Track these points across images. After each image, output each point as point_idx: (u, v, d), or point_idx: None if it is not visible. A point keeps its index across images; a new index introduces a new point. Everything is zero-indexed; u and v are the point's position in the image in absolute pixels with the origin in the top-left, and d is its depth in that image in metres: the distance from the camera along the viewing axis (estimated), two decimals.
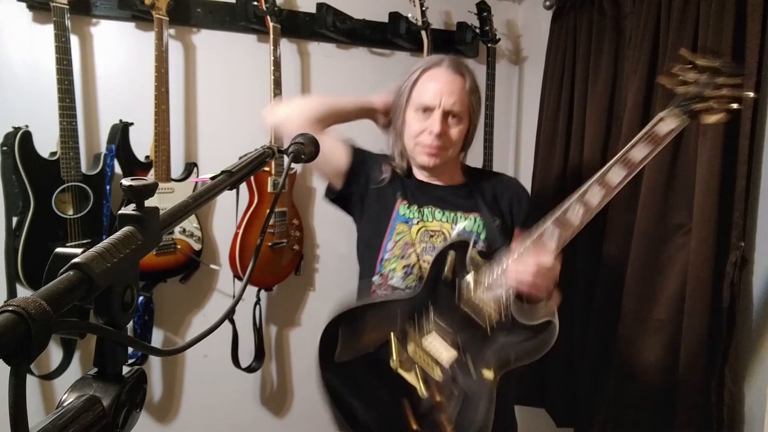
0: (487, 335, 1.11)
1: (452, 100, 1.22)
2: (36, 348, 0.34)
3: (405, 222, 1.26)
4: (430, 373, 1.12)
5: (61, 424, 0.41)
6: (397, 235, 1.25)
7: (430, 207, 1.27)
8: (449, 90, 1.22)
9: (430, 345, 1.13)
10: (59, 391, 1.71)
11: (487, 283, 1.13)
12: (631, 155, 1.07)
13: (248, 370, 1.89)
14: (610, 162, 1.08)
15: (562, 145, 1.90)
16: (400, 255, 1.24)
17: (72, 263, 0.40)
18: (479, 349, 1.11)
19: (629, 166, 1.07)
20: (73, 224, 1.52)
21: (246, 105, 1.89)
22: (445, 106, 1.21)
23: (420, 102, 1.24)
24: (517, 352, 1.11)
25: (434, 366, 1.12)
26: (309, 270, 2.07)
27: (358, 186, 1.32)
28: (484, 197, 1.29)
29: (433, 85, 1.24)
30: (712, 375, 1.37)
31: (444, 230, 1.25)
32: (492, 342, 1.11)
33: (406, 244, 1.24)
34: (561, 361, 1.85)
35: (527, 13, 2.29)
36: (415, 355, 1.13)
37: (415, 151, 1.26)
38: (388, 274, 1.24)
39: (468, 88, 1.25)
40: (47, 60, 1.50)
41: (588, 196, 1.08)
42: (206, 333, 0.55)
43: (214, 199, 0.75)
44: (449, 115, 1.23)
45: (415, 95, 1.26)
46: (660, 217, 1.51)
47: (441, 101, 1.21)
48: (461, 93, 1.24)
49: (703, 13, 1.40)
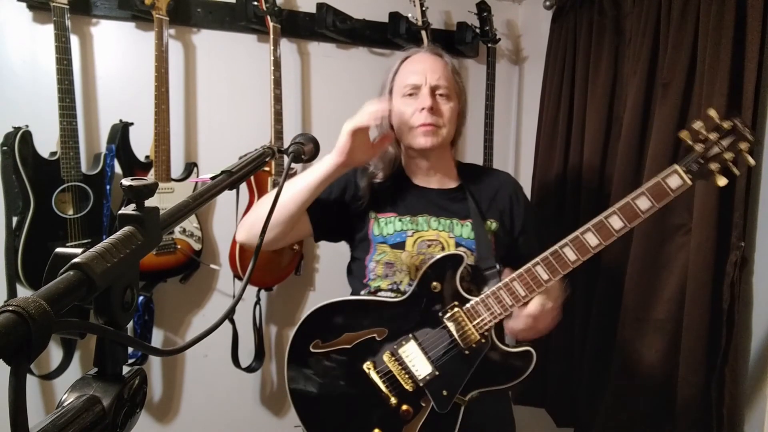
0: (464, 354, 1.11)
1: (437, 76, 1.22)
2: (36, 348, 0.34)
3: (382, 242, 1.23)
4: (402, 382, 1.12)
5: (61, 424, 0.41)
6: (378, 255, 1.23)
7: (425, 216, 1.24)
8: (432, 68, 1.23)
9: (406, 355, 1.13)
10: (59, 391, 1.71)
11: (474, 303, 1.12)
12: (634, 203, 1.09)
13: (248, 370, 1.89)
14: (611, 209, 1.10)
15: (562, 145, 1.90)
16: (383, 275, 1.22)
17: (72, 263, 0.40)
18: (454, 366, 1.11)
19: (630, 217, 1.09)
20: (73, 224, 1.52)
21: (246, 105, 1.89)
22: (431, 82, 1.21)
23: (405, 83, 1.23)
24: (491, 376, 1.13)
25: (407, 376, 1.12)
26: (309, 270, 2.06)
27: (334, 228, 1.30)
28: (479, 201, 1.27)
29: (414, 66, 1.24)
30: (712, 375, 1.37)
31: (441, 239, 1.22)
32: (468, 361, 1.11)
33: (387, 264, 1.22)
34: (561, 361, 1.85)
35: (527, 13, 2.29)
36: (390, 362, 1.13)
37: (410, 135, 1.22)
38: (376, 290, 1.23)
39: (450, 68, 1.26)
40: (47, 60, 1.50)
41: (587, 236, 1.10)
42: (206, 333, 0.55)
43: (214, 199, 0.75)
44: (437, 91, 1.22)
45: (398, 82, 1.25)
46: (660, 217, 1.51)
47: (426, 78, 1.21)
48: (444, 71, 1.24)
49: (703, 13, 1.40)
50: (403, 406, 1.12)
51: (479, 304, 1.12)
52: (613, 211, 1.08)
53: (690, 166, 1.07)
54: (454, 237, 1.23)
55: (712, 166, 1.06)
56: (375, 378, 1.13)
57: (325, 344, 1.16)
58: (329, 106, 2.02)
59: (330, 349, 1.15)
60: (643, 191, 1.08)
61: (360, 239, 1.26)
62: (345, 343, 1.15)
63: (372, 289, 1.23)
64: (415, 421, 1.11)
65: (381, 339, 1.14)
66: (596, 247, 1.09)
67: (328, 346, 1.16)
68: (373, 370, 1.13)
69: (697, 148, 1.07)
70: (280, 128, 1.75)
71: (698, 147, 1.07)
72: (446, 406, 1.10)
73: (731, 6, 1.33)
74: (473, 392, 1.11)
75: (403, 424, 1.12)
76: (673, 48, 1.48)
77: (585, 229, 1.09)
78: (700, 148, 1.07)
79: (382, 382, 1.12)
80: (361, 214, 1.26)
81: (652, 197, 1.07)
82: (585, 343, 1.76)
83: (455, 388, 1.10)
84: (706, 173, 1.07)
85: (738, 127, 1.06)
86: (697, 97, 1.43)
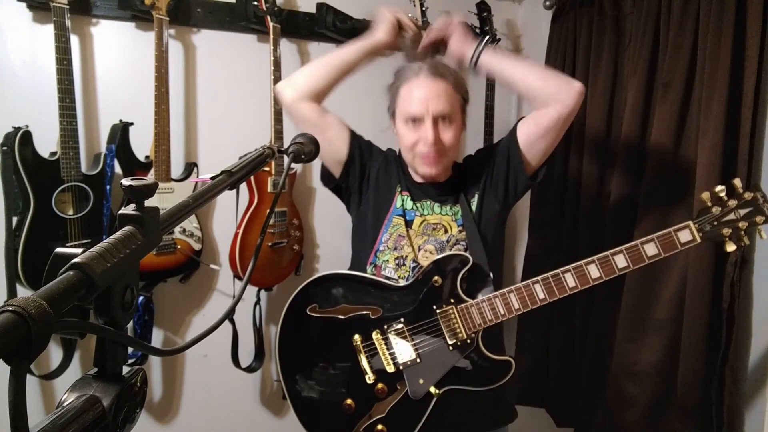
0: (448, 349, 1.16)
1: (440, 105, 1.20)
2: (36, 348, 0.34)
3: (400, 215, 1.27)
4: (384, 364, 1.17)
5: (61, 424, 0.41)
6: (392, 227, 1.27)
7: (428, 201, 1.29)
8: (435, 95, 1.20)
9: (393, 338, 1.17)
10: (59, 391, 1.71)
11: (469, 305, 1.17)
12: (641, 249, 1.13)
13: (248, 370, 1.89)
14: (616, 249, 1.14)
15: (562, 145, 1.90)
16: (393, 247, 1.26)
17: (72, 263, 0.40)
18: (436, 359, 1.16)
19: (635, 259, 1.13)
20: (73, 224, 1.52)
21: (246, 105, 1.89)
22: (434, 112, 1.20)
23: (407, 113, 1.23)
24: (468, 376, 1.17)
25: (389, 359, 1.17)
26: (309, 270, 2.06)
27: (356, 177, 1.33)
28: (467, 184, 1.30)
29: (416, 93, 1.22)
30: (712, 375, 1.37)
31: (444, 223, 1.27)
32: (450, 357, 1.16)
33: (399, 236, 1.26)
34: (561, 361, 1.85)
35: (527, 13, 2.29)
36: (377, 341, 1.18)
37: (414, 162, 1.27)
38: (382, 264, 1.26)
39: (453, 87, 1.24)
40: (47, 60, 1.49)
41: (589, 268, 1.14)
42: (206, 333, 0.55)
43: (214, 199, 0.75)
44: (440, 119, 1.21)
45: (401, 107, 1.25)
46: (660, 217, 1.51)
47: (428, 108, 1.19)
48: (446, 93, 1.22)
49: (703, 13, 1.40)
50: (379, 384, 1.17)
51: (473, 307, 1.17)
52: (621, 249, 1.13)
53: (703, 226, 1.11)
54: (456, 220, 1.27)
55: (724, 230, 1.11)
56: (360, 355, 1.18)
57: (321, 310, 1.21)
58: (329, 106, 2.01)
59: (325, 315, 1.20)
60: (653, 238, 1.12)
61: (379, 205, 1.30)
62: (340, 313, 1.20)
63: (379, 263, 1.26)
64: (387, 401, 1.17)
65: (374, 317, 1.19)
66: (596, 279, 1.13)
67: (323, 312, 1.21)
68: (360, 344, 1.18)
69: (714, 210, 1.12)
70: (280, 128, 1.75)
71: (715, 210, 1.12)
72: (419, 394, 1.15)
73: (731, 6, 1.33)
74: (447, 387, 1.16)
75: (375, 401, 1.17)
76: (673, 48, 1.48)
77: (589, 261, 1.13)
78: (717, 211, 1.11)
79: (365, 358, 1.18)
80: (389, 184, 1.31)
81: (660, 245, 1.11)
82: (585, 343, 1.76)
83: (432, 378, 1.15)
84: (717, 236, 1.11)
85: (758, 200, 1.10)
86: (697, 97, 1.43)
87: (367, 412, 1.16)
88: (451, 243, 1.25)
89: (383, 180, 1.32)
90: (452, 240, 1.25)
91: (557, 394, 1.88)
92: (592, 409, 1.69)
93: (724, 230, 1.11)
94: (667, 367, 1.47)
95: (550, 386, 1.91)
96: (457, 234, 1.26)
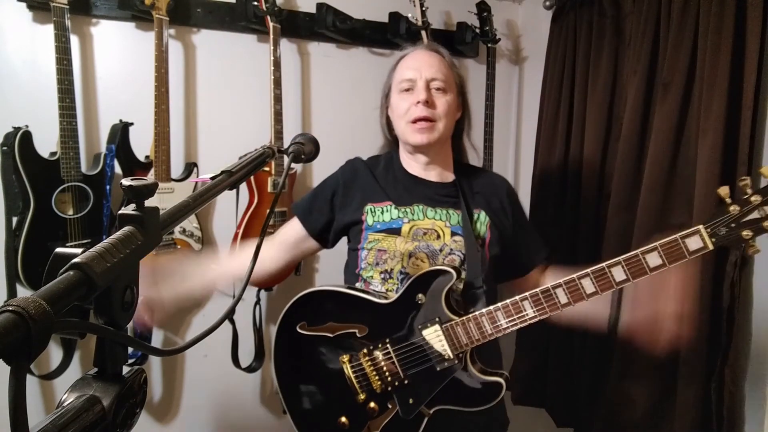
0: (435, 370, 1.11)
1: (432, 71, 1.23)
2: (36, 348, 0.34)
3: (377, 231, 1.23)
4: (372, 382, 1.14)
5: (61, 424, 0.41)
6: (369, 243, 1.23)
7: (420, 205, 1.25)
8: (428, 63, 1.24)
9: (380, 358, 1.14)
10: (59, 391, 1.71)
11: (454, 323, 1.10)
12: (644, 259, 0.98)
13: (248, 370, 1.89)
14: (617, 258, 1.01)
15: (562, 146, 1.90)
16: (375, 263, 1.22)
17: (72, 263, 0.40)
18: (423, 379, 1.12)
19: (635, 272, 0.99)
20: (73, 224, 1.52)
21: (246, 105, 1.89)
22: (427, 76, 1.22)
23: (401, 78, 1.25)
24: (458, 397, 1.12)
25: (377, 378, 1.14)
26: (309, 270, 2.06)
27: (333, 232, 1.33)
28: (472, 195, 1.28)
29: (411, 62, 1.26)
30: (712, 375, 1.37)
31: (436, 228, 1.23)
32: (438, 378, 1.12)
33: (379, 251, 1.22)
34: (561, 361, 1.85)
35: (527, 13, 2.29)
36: (364, 361, 1.15)
37: (407, 131, 1.24)
38: (368, 280, 1.24)
39: (447, 62, 1.27)
40: (47, 60, 1.49)
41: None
42: (206, 333, 0.55)
43: (214, 199, 0.75)
44: (432, 84, 1.23)
45: (396, 78, 1.28)
46: (660, 217, 1.51)
47: (421, 73, 1.23)
48: (440, 65, 1.25)
49: (703, 13, 1.40)
50: (370, 403, 1.15)
51: (459, 326, 1.09)
52: (619, 261, 0.99)
53: (717, 229, 0.94)
54: (450, 226, 1.23)
55: (744, 232, 0.93)
56: (348, 372, 1.16)
57: (310, 327, 1.20)
58: (329, 106, 2.02)
59: (314, 333, 1.19)
60: (657, 246, 0.96)
61: (356, 231, 1.28)
62: (328, 331, 1.18)
63: (365, 279, 1.24)
64: (380, 419, 1.14)
65: (361, 336, 1.16)
66: (591, 294, 1.01)
67: (312, 330, 1.19)
68: (348, 364, 1.16)
69: (732, 209, 0.94)
70: (280, 128, 1.75)
71: (733, 209, 0.94)
72: (410, 414, 1.13)
73: (731, 6, 1.33)
74: (438, 406, 1.12)
75: (368, 419, 1.15)
76: (673, 48, 1.48)
77: (583, 274, 1.01)
78: (735, 210, 0.93)
79: (354, 377, 1.15)
80: (356, 207, 1.28)
81: (664, 255, 0.96)
82: (585, 343, 1.76)
83: (421, 399, 1.12)
84: (734, 239, 0.93)
85: None
86: (697, 97, 1.43)
87: (360, 429, 1.15)
88: (445, 252, 1.20)
89: (348, 202, 1.29)
90: (446, 249, 1.20)
91: (557, 394, 1.88)
92: (592, 409, 1.69)
93: (744, 232, 0.92)
94: (667, 367, 1.47)
95: (550, 386, 1.91)
96: (451, 243, 1.21)
